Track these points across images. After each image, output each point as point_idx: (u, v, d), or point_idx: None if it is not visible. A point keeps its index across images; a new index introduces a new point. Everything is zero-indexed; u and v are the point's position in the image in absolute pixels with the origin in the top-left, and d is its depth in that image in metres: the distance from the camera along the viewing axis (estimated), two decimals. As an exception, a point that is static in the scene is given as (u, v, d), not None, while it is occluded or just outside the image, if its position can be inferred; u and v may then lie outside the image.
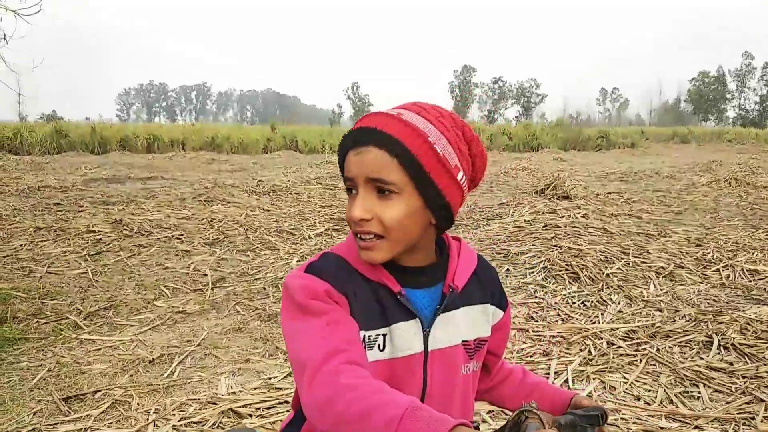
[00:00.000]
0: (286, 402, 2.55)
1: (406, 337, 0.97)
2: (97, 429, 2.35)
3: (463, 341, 1.03)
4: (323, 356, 0.84)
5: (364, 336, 0.95)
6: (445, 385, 1.02)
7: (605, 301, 3.84)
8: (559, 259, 4.56)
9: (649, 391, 2.67)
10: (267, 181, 9.87)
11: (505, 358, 1.23)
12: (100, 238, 5.50)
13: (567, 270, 4.39)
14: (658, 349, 3.08)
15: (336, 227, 6.43)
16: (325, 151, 21.96)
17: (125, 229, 5.80)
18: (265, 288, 4.29)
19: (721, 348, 3.11)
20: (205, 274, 4.61)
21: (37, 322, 3.54)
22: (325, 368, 0.82)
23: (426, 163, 0.90)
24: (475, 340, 1.05)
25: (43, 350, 3.17)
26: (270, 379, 2.79)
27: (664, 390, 2.67)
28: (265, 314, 3.72)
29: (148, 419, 2.41)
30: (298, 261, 4.99)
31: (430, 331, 0.99)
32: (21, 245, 5.30)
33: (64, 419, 2.43)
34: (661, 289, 4.09)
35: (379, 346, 0.96)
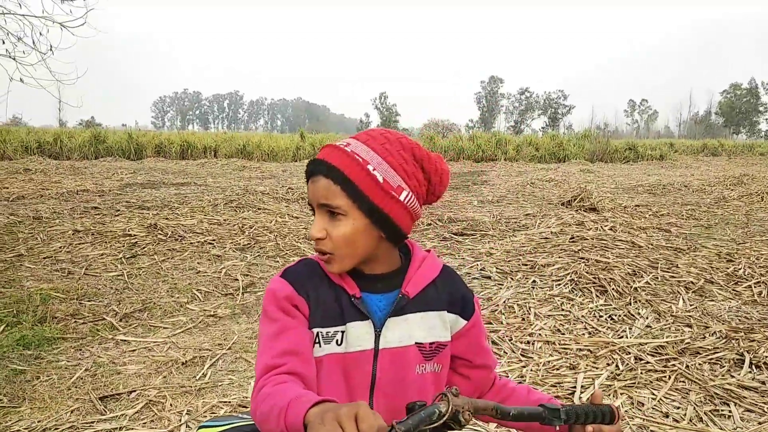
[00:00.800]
0: (314, 407, 2.60)
1: (358, 335, 1.08)
2: (132, 429, 2.44)
3: (416, 343, 1.12)
4: (260, 372, 1.01)
5: (323, 332, 1.08)
6: (395, 382, 1.11)
7: (633, 316, 3.81)
8: (586, 272, 4.54)
9: (678, 408, 2.65)
10: (296, 188, 10.00)
11: (531, 370, 1.26)
12: (136, 242, 5.66)
13: (594, 283, 4.37)
14: (687, 366, 3.04)
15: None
16: (353, 159, 22.08)
17: (160, 234, 5.95)
18: (293, 294, 4.36)
19: (753, 366, 3.06)
20: (236, 279, 4.71)
21: (75, 322, 3.67)
22: (257, 385, 1.00)
23: (365, 188, 1.04)
24: (431, 343, 1.14)
25: (80, 350, 3.29)
26: (298, 383, 2.84)
27: (694, 408, 2.64)
28: (293, 320, 3.79)
29: (180, 420, 2.49)
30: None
31: (381, 331, 1.10)
32: (60, 247, 5.49)
33: (100, 418, 2.53)
34: (691, 305, 4.04)
35: (336, 341, 1.08)
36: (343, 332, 1.09)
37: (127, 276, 4.71)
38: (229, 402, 2.64)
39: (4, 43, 5.65)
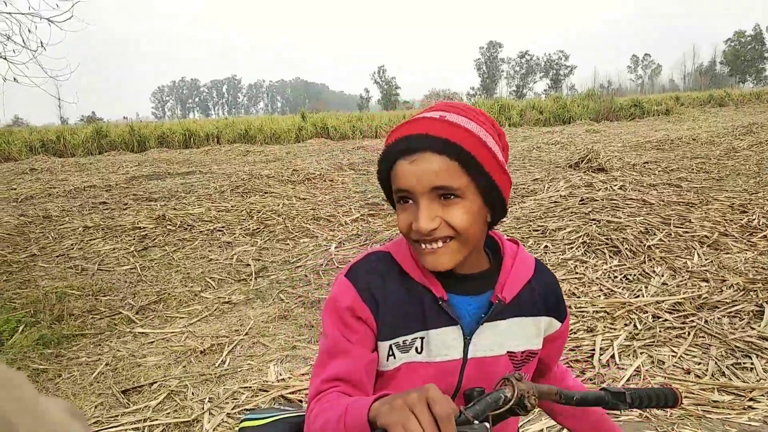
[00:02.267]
0: (334, 386, 2.62)
1: (444, 342, 0.96)
2: (156, 419, 2.46)
3: (508, 352, 1.00)
4: (310, 395, 0.94)
5: (398, 342, 0.96)
6: None
7: (648, 274, 3.78)
8: (598, 233, 4.50)
9: (699, 364, 2.64)
10: (301, 169, 9.97)
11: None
12: (146, 234, 5.68)
13: (607, 244, 4.33)
14: (706, 321, 3.02)
15: (371, 212, 6.47)
16: (356, 136, 22.03)
17: (169, 224, 5.96)
18: (306, 275, 4.37)
19: (773, 317, 3.03)
20: (248, 264, 4.72)
21: (92, 318, 3.70)
22: (308, 409, 0.93)
23: (485, 163, 0.89)
24: (523, 352, 1.01)
25: (99, 345, 3.31)
26: (317, 364, 2.86)
27: (715, 362, 2.62)
28: (308, 301, 3.80)
29: (203, 408, 2.51)
30: (336, 248, 5.05)
31: (471, 338, 0.97)
32: (72, 244, 5.52)
33: (124, 411, 2.55)
34: (706, 259, 4.00)
35: (416, 348, 0.96)
36: (422, 339, 0.96)
37: (140, 269, 4.73)
38: (250, 387, 2.66)
39: (-6, 43, 5.60)
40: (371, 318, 0.95)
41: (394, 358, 0.96)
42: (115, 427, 2.40)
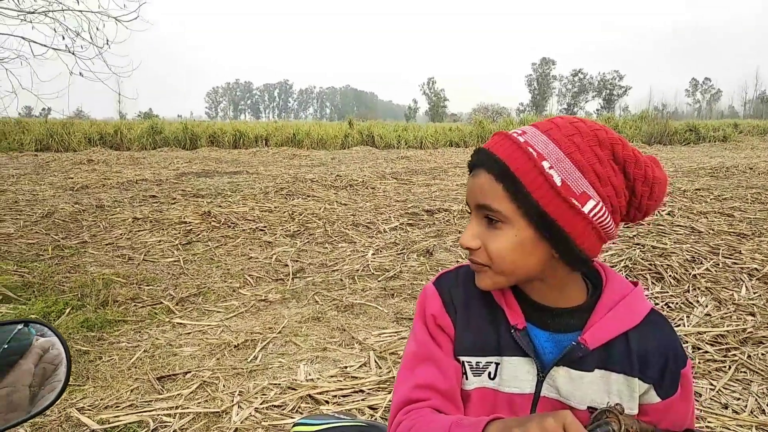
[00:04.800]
0: (361, 391, 2.64)
1: (516, 373, 0.89)
2: (187, 407, 2.53)
3: (589, 408, 0.88)
4: (397, 403, 0.89)
5: (472, 362, 0.91)
6: None
7: (691, 303, 3.66)
8: (642, 258, 4.39)
9: (739, 399, 2.54)
10: (344, 175, 10.08)
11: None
12: (191, 229, 5.85)
13: (650, 270, 4.22)
14: (749, 356, 2.91)
15: (410, 222, 6.48)
16: (401, 146, 22.10)
17: (213, 221, 6.13)
18: (342, 279, 4.41)
19: (822, 357, 2.89)
20: (286, 265, 4.80)
21: (135, 305, 3.84)
22: (395, 420, 0.88)
23: (534, 191, 0.81)
24: None
25: (139, 332, 3.43)
26: (346, 368, 2.88)
27: (756, 399, 2.52)
28: (342, 305, 3.84)
29: (233, 401, 2.56)
30: (373, 254, 5.09)
31: (545, 376, 0.88)
32: (121, 234, 5.74)
33: (158, 397, 2.63)
34: (755, 293, 3.85)
35: (489, 374, 0.91)
36: (497, 365, 0.90)
37: (183, 262, 4.88)
38: (279, 384, 2.71)
39: (64, 38, 5.92)
40: (452, 330, 0.92)
41: (466, 379, 0.91)
42: (149, 411, 2.48)
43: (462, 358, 0.91)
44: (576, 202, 0.81)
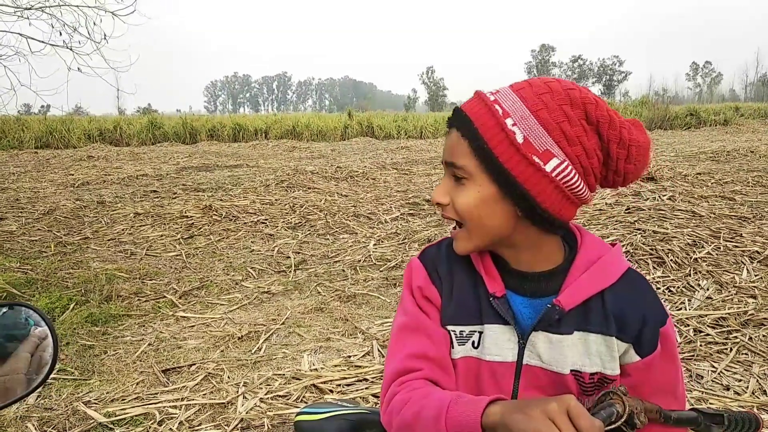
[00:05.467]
0: (365, 380, 2.66)
1: (497, 341, 0.89)
2: (193, 399, 2.55)
3: (572, 371, 0.87)
4: (390, 375, 0.90)
5: (456, 331, 0.91)
6: None
7: (693, 287, 3.67)
8: (643, 243, 4.39)
9: (740, 381, 2.56)
10: (345, 167, 10.08)
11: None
12: (192, 223, 5.87)
13: (651, 254, 4.22)
14: (750, 338, 2.92)
15: (411, 212, 6.49)
16: (400, 136, 22.07)
17: (215, 214, 6.14)
18: (344, 270, 4.43)
19: (824, 338, 2.90)
20: (288, 257, 4.82)
21: (138, 300, 3.86)
22: (388, 392, 0.88)
23: (494, 146, 0.81)
24: (593, 374, 0.88)
25: (143, 326, 3.45)
26: (349, 357, 2.90)
27: (757, 380, 2.54)
28: (344, 295, 3.86)
29: (237, 392, 2.59)
30: (374, 245, 5.10)
31: (525, 342, 0.88)
32: (123, 229, 5.76)
33: (163, 389, 2.66)
34: (756, 275, 3.85)
35: (473, 342, 0.91)
36: (480, 333, 0.90)
37: (185, 256, 4.89)
38: (283, 375, 2.73)
39: (61, 34, 5.91)
40: (438, 300, 0.93)
41: (452, 348, 0.91)
42: (155, 403, 2.50)
43: (449, 327, 0.92)
44: (537, 160, 0.80)
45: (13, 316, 0.74)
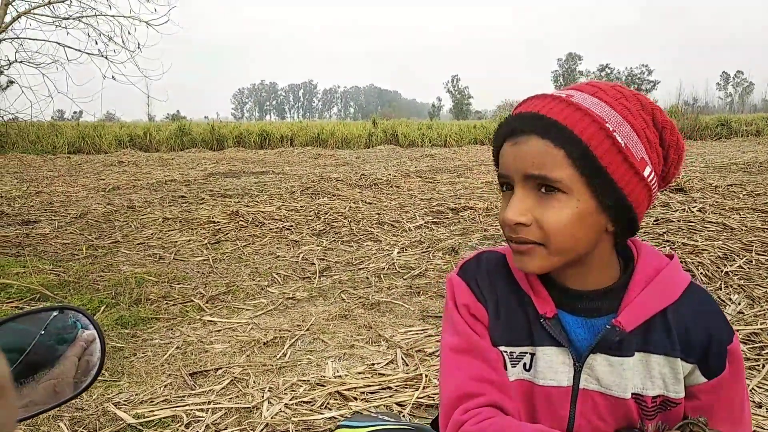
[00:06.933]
0: (389, 388, 2.66)
1: (551, 364, 0.83)
2: (219, 403, 2.59)
3: (633, 394, 0.81)
4: (451, 399, 0.83)
5: (508, 351, 0.85)
6: None
7: (723, 302, 3.60)
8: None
9: (772, 398, 2.49)
10: (369, 174, 10.12)
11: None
12: (219, 228, 5.95)
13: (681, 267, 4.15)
14: (784, 355, 2.85)
15: (435, 220, 6.48)
16: (425, 144, 22.07)
17: (241, 220, 6.23)
18: (368, 278, 4.45)
19: None
20: (313, 263, 4.85)
21: (167, 303, 3.93)
22: (452, 419, 0.82)
23: (602, 156, 0.73)
24: (655, 397, 0.82)
25: (171, 329, 3.51)
26: (373, 365, 2.91)
27: (790, 398, 2.47)
28: (368, 303, 3.87)
29: (263, 397, 2.61)
30: (398, 252, 5.11)
31: (582, 366, 0.82)
32: (152, 234, 5.87)
33: (190, 392, 2.70)
34: (791, 291, 3.76)
35: (524, 365, 0.85)
36: (532, 355, 0.84)
37: (212, 261, 4.97)
38: (308, 381, 2.75)
39: (97, 43, 6.09)
40: (486, 318, 0.86)
41: (506, 369, 0.85)
42: (182, 406, 2.54)
43: (500, 348, 0.85)
44: (639, 169, 0.75)
45: (63, 320, 0.76)
